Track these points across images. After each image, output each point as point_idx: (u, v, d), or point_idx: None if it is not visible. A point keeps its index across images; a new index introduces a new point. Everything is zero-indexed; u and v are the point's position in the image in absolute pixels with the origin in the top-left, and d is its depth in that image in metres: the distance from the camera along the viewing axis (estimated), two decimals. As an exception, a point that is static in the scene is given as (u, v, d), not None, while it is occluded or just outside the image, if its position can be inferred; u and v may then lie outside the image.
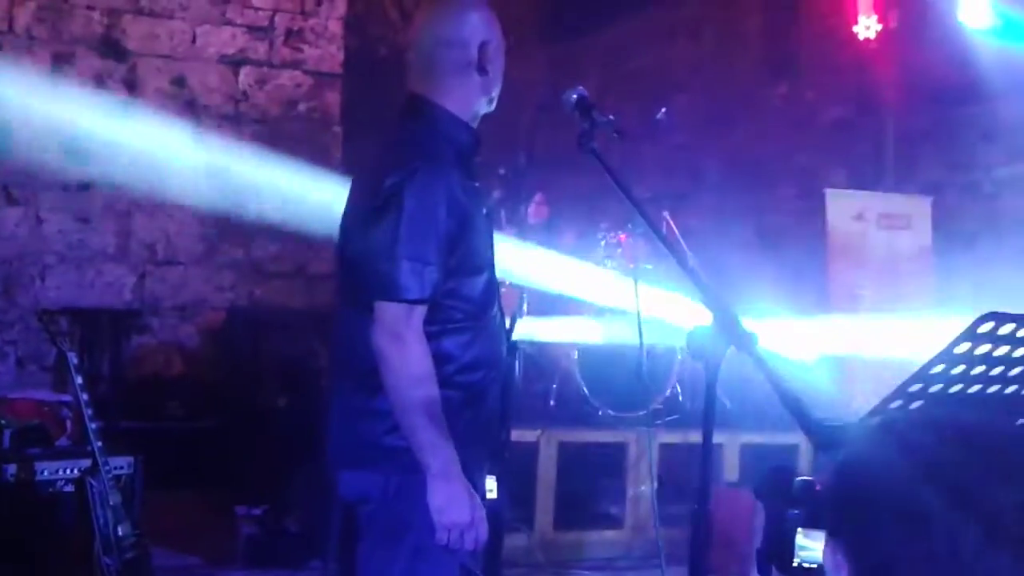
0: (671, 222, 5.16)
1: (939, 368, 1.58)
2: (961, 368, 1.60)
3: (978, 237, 6.12)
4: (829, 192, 6.37)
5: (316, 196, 5.16)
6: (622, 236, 4.99)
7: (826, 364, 5.45)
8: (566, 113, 2.01)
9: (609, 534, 4.45)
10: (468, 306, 1.93)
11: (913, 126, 6.41)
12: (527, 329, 4.75)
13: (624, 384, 4.55)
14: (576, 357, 4.54)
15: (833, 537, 0.98)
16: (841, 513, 0.97)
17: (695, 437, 4.65)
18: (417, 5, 5.30)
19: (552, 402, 4.62)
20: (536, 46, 9.35)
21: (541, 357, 4.76)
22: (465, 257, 1.91)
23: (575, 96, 1.98)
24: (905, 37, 6.32)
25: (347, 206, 2.08)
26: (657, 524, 4.07)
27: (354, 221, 2.00)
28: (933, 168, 6.46)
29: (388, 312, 1.84)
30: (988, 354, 1.59)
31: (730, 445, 4.63)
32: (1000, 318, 1.51)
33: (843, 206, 6.32)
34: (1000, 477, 0.90)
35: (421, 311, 1.84)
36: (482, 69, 2.02)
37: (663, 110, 5.06)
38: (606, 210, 5.54)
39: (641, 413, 4.59)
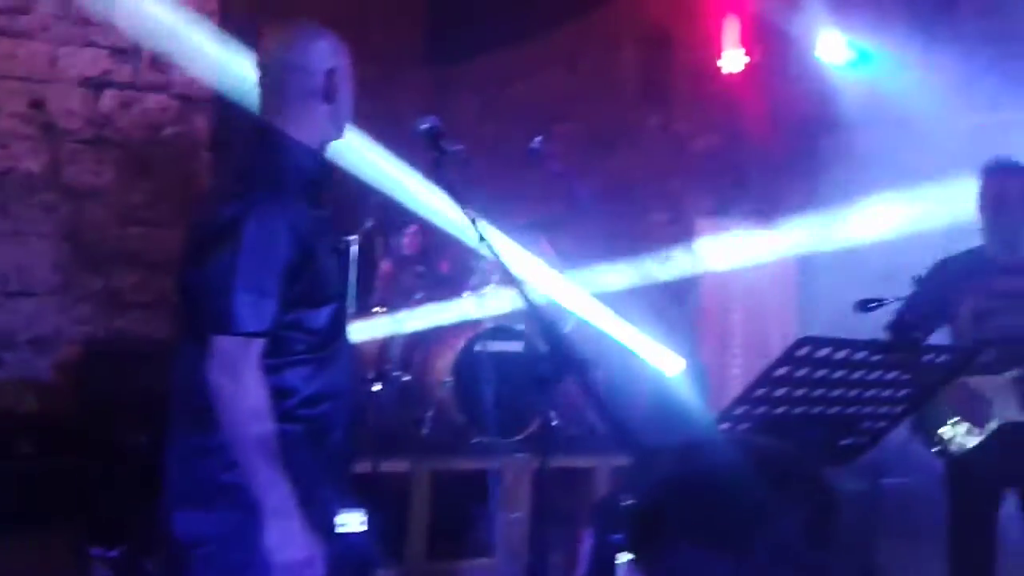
0: (548, 247, 5.22)
1: (761, 392, 1.64)
2: (783, 390, 1.66)
3: (837, 264, 6.42)
4: (698, 221, 6.60)
5: (181, 222, 4.99)
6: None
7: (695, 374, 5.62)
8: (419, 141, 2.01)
9: (482, 562, 4.41)
10: (312, 338, 1.89)
11: (776, 156, 6.69)
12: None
13: (500, 409, 4.55)
14: (451, 383, 4.51)
15: (634, 557, 0.98)
16: (640, 533, 0.98)
17: (571, 462, 4.74)
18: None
19: (426, 430, 4.57)
20: (418, 71, 9.38)
21: (416, 385, 4.72)
22: (309, 288, 1.87)
23: (425, 126, 1.99)
24: (768, 71, 6.61)
25: (186, 235, 2.01)
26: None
27: (192, 251, 1.93)
28: (795, 196, 6.76)
29: (223, 345, 1.78)
30: (807, 376, 1.65)
31: (602, 468, 4.67)
32: (816, 342, 1.57)
33: (711, 234, 6.55)
34: (789, 499, 0.92)
35: (259, 344, 1.79)
36: (329, 97, 2.00)
37: (539, 139, 5.12)
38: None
39: (517, 439, 4.59)
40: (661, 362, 5.58)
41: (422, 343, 4.86)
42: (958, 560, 3.05)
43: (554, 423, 4.88)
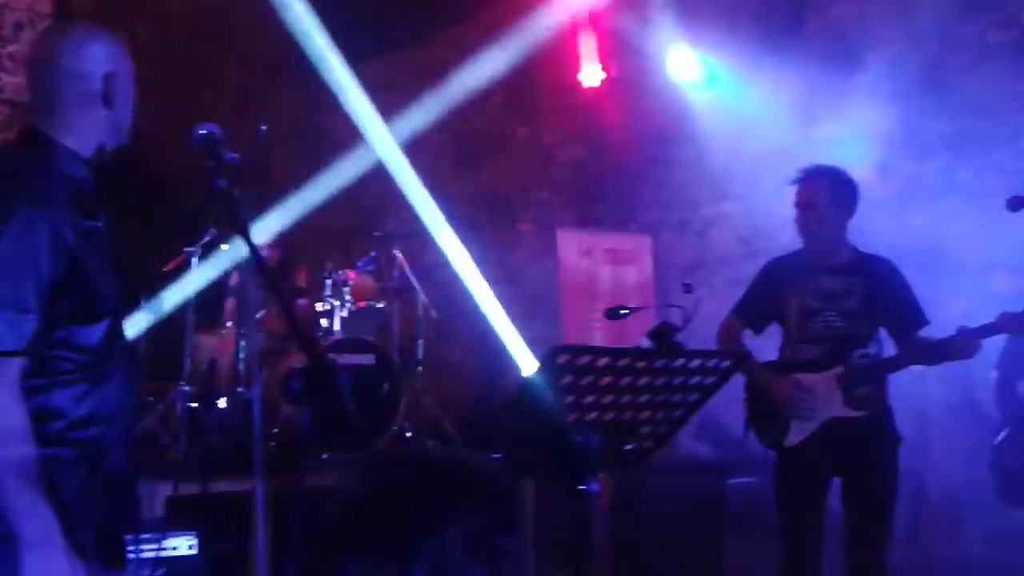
0: (403, 260, 5.20)
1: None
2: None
3: (692, 271, 6.64)
4: (560, 231, 6.70)
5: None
6: (351, 274, 4.96)
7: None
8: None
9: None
10: (83, 357, 1.80)
11: (633, 168, 6.86)
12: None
13: (349, 424, 4.48)
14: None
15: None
16: (316, 553, 0.98)
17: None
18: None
19: (272, 444, 4.47)
20: (288, 84, 9.20)
21: (263, 401, 4.61)
22: (79, 304, 1.79)
23: (202, 132, 1.93)
24: (625, 85, 6.78)
25: None
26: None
27: None
28: (651, 208, 6.95)
29: None
30: (574, 384, 1.68)
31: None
32: (573, 350, 1.61)
33: (573, 243, 6.66)
34: (455, 509, 0.93)
35: (15, 364, 1.70)
36: (108, 102, 1.92)
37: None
38: (347, 247, 5.52)
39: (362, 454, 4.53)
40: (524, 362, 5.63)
41: (269, 357, 4.76)
42: (790, 547, 3.16)
43: (408, 435, 4.87)
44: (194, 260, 4.37)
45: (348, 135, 8.54)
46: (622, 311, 2.46)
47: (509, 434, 1.72)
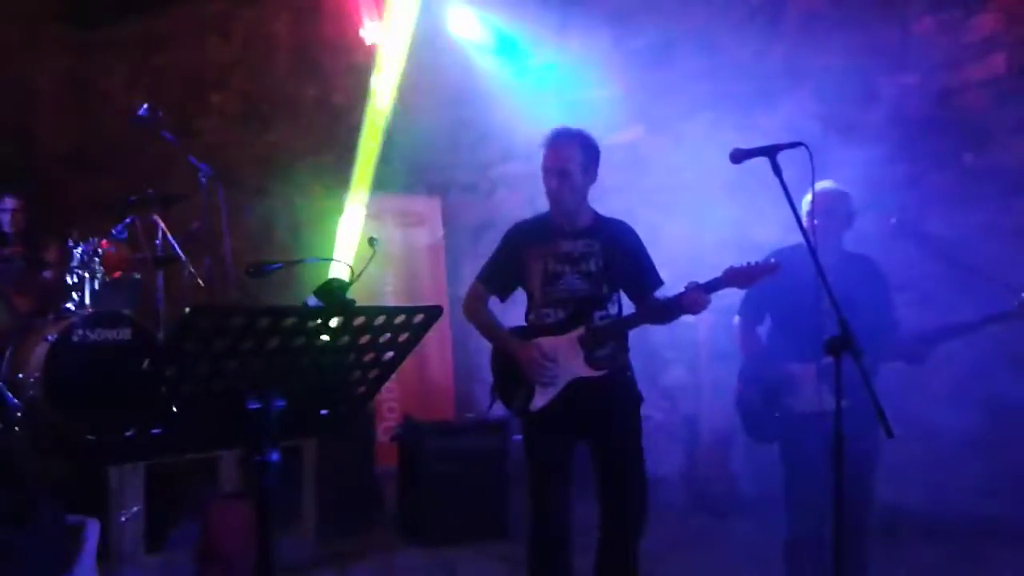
0: (163, 224, 4.88)
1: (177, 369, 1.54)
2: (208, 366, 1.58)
3: (481, 231, 6.65)
4: (346, 194, 6.53)
5: None
6: (103, 243, 4.60)
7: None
8: None
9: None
10: None
11: (420, 129, 6.76)
12: None
13: (104, 404, 4.20)
14: (41, 379, 4.08)
15: None
16: None
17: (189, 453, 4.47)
18: None
19: (16, 431, 4.11)
20: (59, 34, 8.42)
21: (5, 383, 4.22)
22: None
23: None
24: (407, 44, 6.63)
25: None
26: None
27: None
28: (439, 169, 6.89)
29: None
30: (232, 348, 1.57)
31: (228, 456, 4.47)
32: (215, 313, 1.50)
33: (360, 206, 6.51)
34: None
35: None
36: None
37: (145, 105, 4.76)
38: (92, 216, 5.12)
39: (128, 434, 4.25)
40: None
41: (13, 335, 4.36)
42: (538, 509, 3.17)
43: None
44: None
45: (123, 93, 7.99)
46: (269, 267, 2.34)
47: (174, 402, 1.59)
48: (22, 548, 0.81)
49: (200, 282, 4.80)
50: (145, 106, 4.77)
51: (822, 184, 3.33)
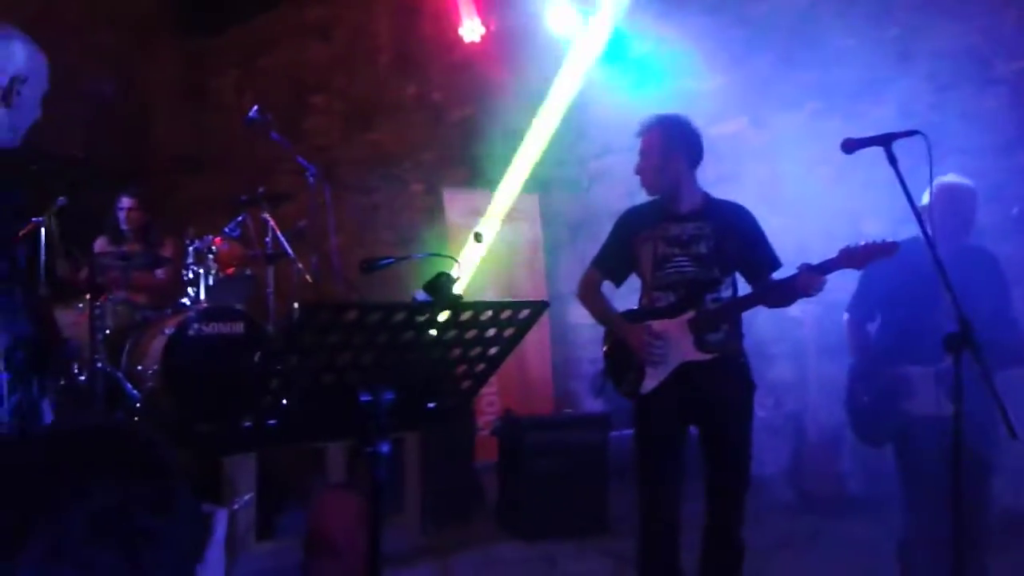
0: (273, 222, 5.04)
1: (296, 361, 1.59)
2: (324, 358, 1.62)
3: (579, 226, 6.65)
4: (446, 191, 6.62)
5: None
6: (216, 240, 4.79)
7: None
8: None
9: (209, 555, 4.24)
10: None
11: (519, 125, 6.79)
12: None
13: (220, 395, 4.37)
14: (160, 371, 4.28)
15: None
16: None
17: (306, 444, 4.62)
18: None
19: (137, 419, 4.32)
20: (169, 41, 8.82)
21: (125, 375, 4.45)
22: None
23: None
24: (506, 41, 6.67)
25: None
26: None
27: None
28: (539, 165, 6.90)
29: None
30: (345, 342, 1.61)
31: (335, 447, 4.60)
32: (334, 308, 1.54)
33: (460, 203, 6.59)
34: (79, 486, 0.84)
35: None
36: (6, 100, 1.91)
37: (255, 107, 4.94)
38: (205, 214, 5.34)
39: (246, 425, 4.41)
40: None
41: (132, 329, 4.59)
42: (649, 492, 3.15)
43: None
44: (42, 230, 4.13)
45: (232, 95, 8.30)
46: (381, 262, 2.38)
47: (288, 395, 1.65)
48: (166, 536, 0.85)
49: (308, 278, 4.95)
50: (255, 108, 4.94)
51: (947, 178, 3.20)
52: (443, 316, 1.67)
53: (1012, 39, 4.94)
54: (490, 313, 1.78)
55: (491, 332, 1.83)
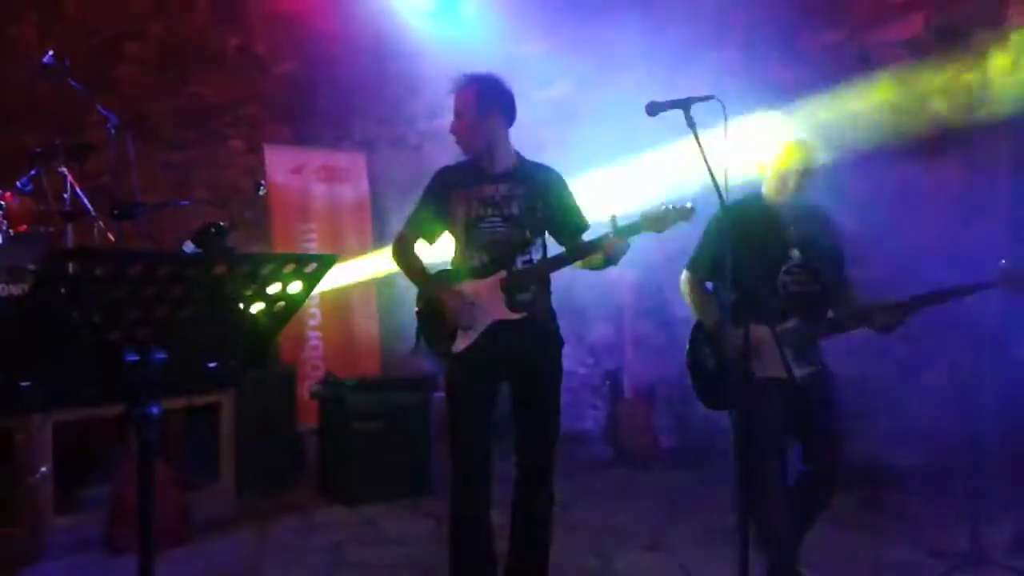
0: (71, 177, 4.67)
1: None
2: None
3: (408, 187, 6.55)
4: (267, 147, 6.37)
5: None
6: (6, 195, 4.40)
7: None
8: None
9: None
10: None
11: (348, 82, 6.61)
12: None
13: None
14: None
15: None
16: None
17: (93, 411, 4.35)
18: None
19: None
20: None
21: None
22: None
23: None
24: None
25: None
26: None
27: None
28: (366, 123, 6.76)
29: None
30: (102, 294, 1.49)
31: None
32: (86, 255, 1.42)
33: (282, 160, 6.36)
34: None
35: None
36: None
37: (50, 52, 4.54)
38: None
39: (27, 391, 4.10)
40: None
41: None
42: (459, 450, 3.14)
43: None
44: None
45: (34, 41, 7.62)
46: (137, 208, 2.26)
47: (38, 356, 1.52)
48: None
49: (111, 236, 4.63)
50: (50, 53, 4.54)
51: (797, 139, 3.31)
52: (217, 270, 1.57)
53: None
54: (270, 267, 1.69)
55: (274, 288, 1.75)
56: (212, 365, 1.80)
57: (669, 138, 5.08)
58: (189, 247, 1.35)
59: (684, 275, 3.42)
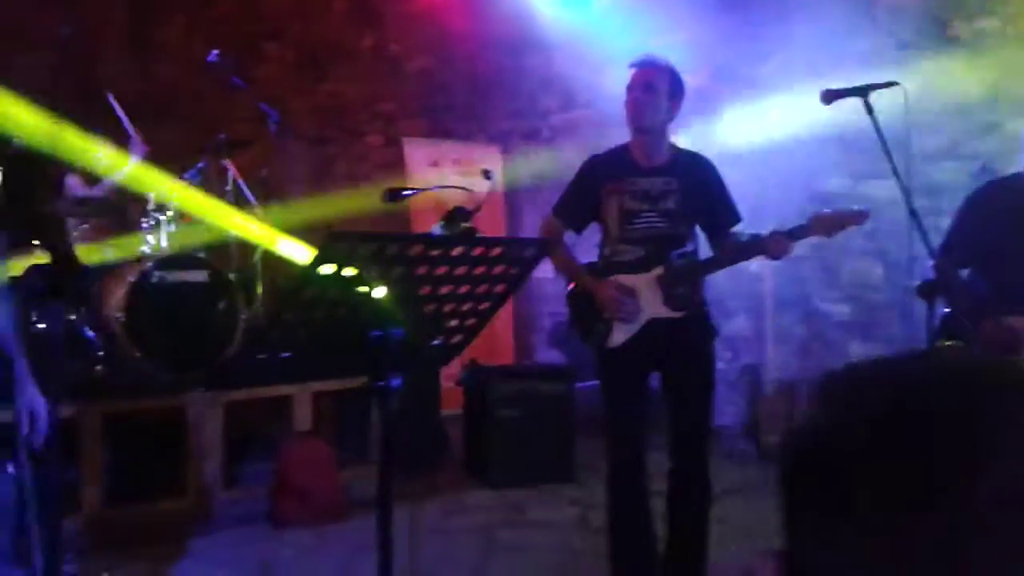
0: (233, 168, 4.93)
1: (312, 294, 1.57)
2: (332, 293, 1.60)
3: (541, 180, 6.63)
4: (406, 140, 6.54)
5: None
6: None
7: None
8: None
9: (169, 504, 4.20)
10: None
11: (482, 77, 6.72)
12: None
13: (182, 343, 4.30)
14: (123, 319, 4.18)
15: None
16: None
17: (265, 391, 4.58)
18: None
19: (99, 368, 4.22)
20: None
21: (88, 323, 4.34)
22: None
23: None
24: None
25: None
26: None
27: None
28: (500, 117, 6.86)
29: None
30: (364, 274, 1.59)
31: (301, 395, 4.57)
32: (353, 237, 1.52)
33: (420, 154, 6.53)
34: None
35: None
36: None
37: (215, 52, 4.80)
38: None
39: (202, 373, 4.36)
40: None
41: (93, 277, 4.46)
42: (616, 441, 3.16)
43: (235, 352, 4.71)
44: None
45: (180, 45, 8.03)
46: (404, 192, 2.37)
47: (297, 331, 1.63)
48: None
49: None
50: (215, 52, 4.80)
51: None
52: (457, 251, 1.66)
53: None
54: (500, 249, 1.77)
55: (498, 269, 1.82)
56: (436, 343, 1.89)
57: (809, 128, 5.03)
58: (437, 229, 1.43)
59: (937, 261, 3.04)
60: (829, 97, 2.76)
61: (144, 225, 4.49)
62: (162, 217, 4.50)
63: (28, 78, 4.65)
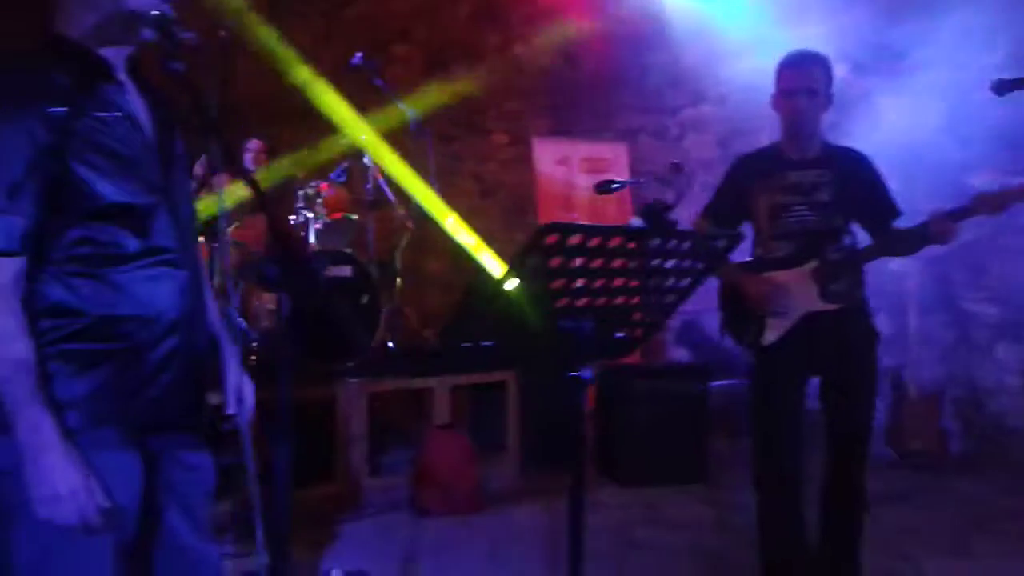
0: (376, 170, 5.08)
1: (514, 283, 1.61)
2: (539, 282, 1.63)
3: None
4: (535, 139, 6.59)
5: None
6: (323, 185, 4.85)
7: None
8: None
9: (321, 490, 4.36)
10: (103, 250, 1.65)
11: (607, 74, 6.71)
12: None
13: (331, 335, 4.46)
14: (273, 312, 4.37)
15: None
16: None
17: (405, 384, 4.71)
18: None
19: (252, 360, 4.42)
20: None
21: (241, 313, 4.55)
22: (83, 195, 1.66)
23: (154, 13, 1.73)
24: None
25: None
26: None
27: None
28: (627, 114, 6.83)
29: None
30: (563, 266, 1.62)
31: (440, 388, 4.67)
32: (563, 229, 1.54)
33: (548, 152, 6.57)
34: None
35: (10, 264, 1.61)
36: None
37: (359, 54, 4.96)
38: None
39: (350, 364, 4.52)
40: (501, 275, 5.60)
41: (242, 271, 4.67)
42: (768, 447, 3.09)
43: (389, 345, 4.84)
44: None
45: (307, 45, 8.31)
46: (613, 185, 2.38)
47: (495, 322, 1.67)
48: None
49: (409, 224, 5.00)
50: (359, 55, 4.95)
51: None
52: (654, 243, 1.67)
53: None
54: (690, 243, 1.78)
55: (686, 263, 1.83)
56: (619, 335, 1.91)
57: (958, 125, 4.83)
58: (636, 221, 1.44)
59: None
60: (1001, 88, 2.62)
61: (292, 220, 4.67)
62: (309, 214, 4.67)
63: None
